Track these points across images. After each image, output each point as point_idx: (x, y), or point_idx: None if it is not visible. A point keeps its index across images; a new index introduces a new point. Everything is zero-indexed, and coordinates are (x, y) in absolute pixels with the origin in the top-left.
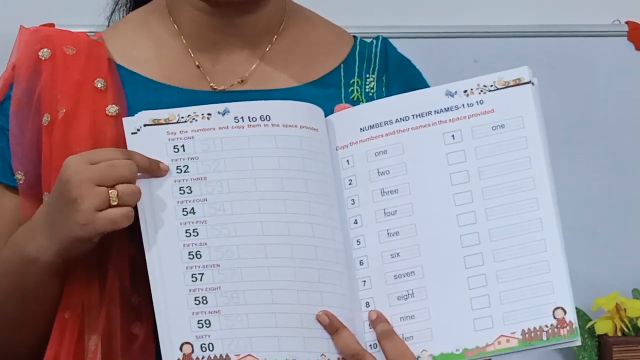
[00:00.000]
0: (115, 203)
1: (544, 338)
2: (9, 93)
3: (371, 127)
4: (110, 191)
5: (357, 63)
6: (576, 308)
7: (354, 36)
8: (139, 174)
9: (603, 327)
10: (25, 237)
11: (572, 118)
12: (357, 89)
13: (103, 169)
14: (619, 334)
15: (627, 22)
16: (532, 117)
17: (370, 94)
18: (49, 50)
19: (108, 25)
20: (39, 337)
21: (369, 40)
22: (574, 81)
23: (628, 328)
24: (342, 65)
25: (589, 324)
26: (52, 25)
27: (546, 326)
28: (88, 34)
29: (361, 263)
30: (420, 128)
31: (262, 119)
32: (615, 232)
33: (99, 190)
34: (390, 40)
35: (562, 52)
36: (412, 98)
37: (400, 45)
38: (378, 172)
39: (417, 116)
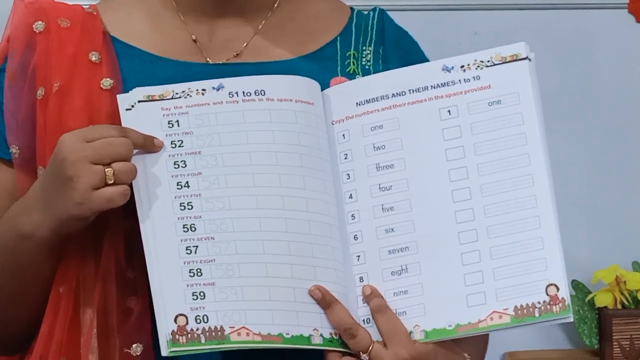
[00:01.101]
0: (112, 181)
1: (536, 315)
2: (3, 66)
3: (367, 101)
4: (106, 169)
5: (353, 35)
6: (576, 280)
7: (351, 8)
8: (134, 151)
9: (603, 299)
10: (21, 213)
11: (572, 91)
12: (353, 62)
13: (99, 147)
14: (619, 306)
15: None
16: (528, 93)
17: (367, 67)
18: (44, 23)
19: None
20: (36, 312)
21: (366, 12)
22: (574, 54)
23: (628, 301)
24: (338, 37)
25: (589, 297)
26: None
27: (539, 303)
28: (83, 6)
29: (355, 238)
30: (417, 103)
31: (257, 94)
32: (615, 205)
33: (95, 169)
34: (390, 12)
35: (563, 25)
36: (409, 73)
37: (400, 18)
38: (374, 147)
39: (413, 91)
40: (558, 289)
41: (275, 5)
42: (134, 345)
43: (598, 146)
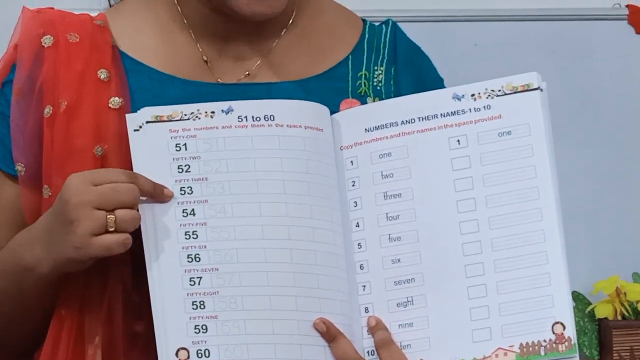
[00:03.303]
0: (112, 229)
1: (542, 353)
2: (10, 76)
3: (376, 128)
4: (108, 216)
5: (365, 54)
6: (576, 292)
7: (363, 20)
8: (142, 197)
9: (603, 311)
10: (25, 245)
11: (572, 101)
12: (364, 82)
13: (104, 193)
14: (619, 317)
15: (627, 6)
16: (539, 124)
17: (378, 88)
18: (52, 38)
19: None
20: (38, 335)
21: (377, 24)
22: (574, 65)
23: (628, 312)
24: (350, 56)
25: (589, 308)
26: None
27: (544, 341)
28: (93, 17)
29: (361, 267)
30: (426, 131)
31: (266, 119)
32: (615, 216)
33: (96, 215)
34: None
35: (563, 36)
36: (419, 100)
37: None
38: (382, 175)
39: (423, 119)
40: (564, 328)
41: (290, 23)
42: None
43: (598, 157)
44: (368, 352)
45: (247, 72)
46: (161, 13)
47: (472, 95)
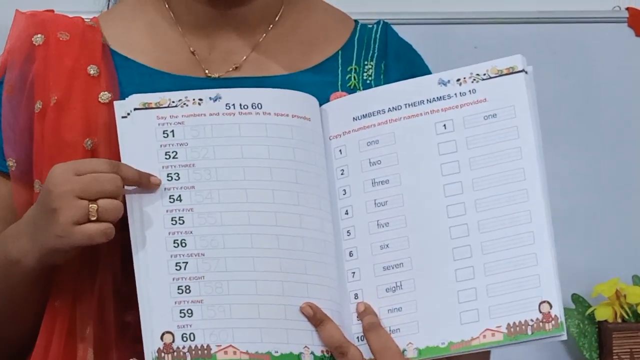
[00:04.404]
0: (94, 218)
1: (529, 332)
2: (3, 78)
3: (364, 116)
4: (90, 205)
5: (355, 49)
6: (576, 294)
7: (355, 20)
8: (127, 188)
9: (603, 313)
10: (13, 238)
11: (572, 104)
12: (354, 77)
13: (86, 182)
14: (619, 320)
15: (627, 9)
16: (524, 106)
17: (368, 82)
18: (43, 36)
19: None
20: (29, 330)
21: (370, 25)
22: (574, 67)
23: (628, 314)
24: (340, 51)
25: (589, 311)
26: (52, 12)
27: (531, 320)
28: (85, 18)
29: (351, 254)
30: (412, 117)
31: (254, 107)
32: (615, 218)
33: (79, 204)
34: None
35: (562, 39)
36: (405, 87)
37: (400, 32)
38: (369, 162)
39: (409, 105)
40: (551, 307)
41: (277, 17)
42: None
43: (598, 159)
44: (358, 337)
45: (235, 65)
46: (151, 11)
47: (458, 80)
